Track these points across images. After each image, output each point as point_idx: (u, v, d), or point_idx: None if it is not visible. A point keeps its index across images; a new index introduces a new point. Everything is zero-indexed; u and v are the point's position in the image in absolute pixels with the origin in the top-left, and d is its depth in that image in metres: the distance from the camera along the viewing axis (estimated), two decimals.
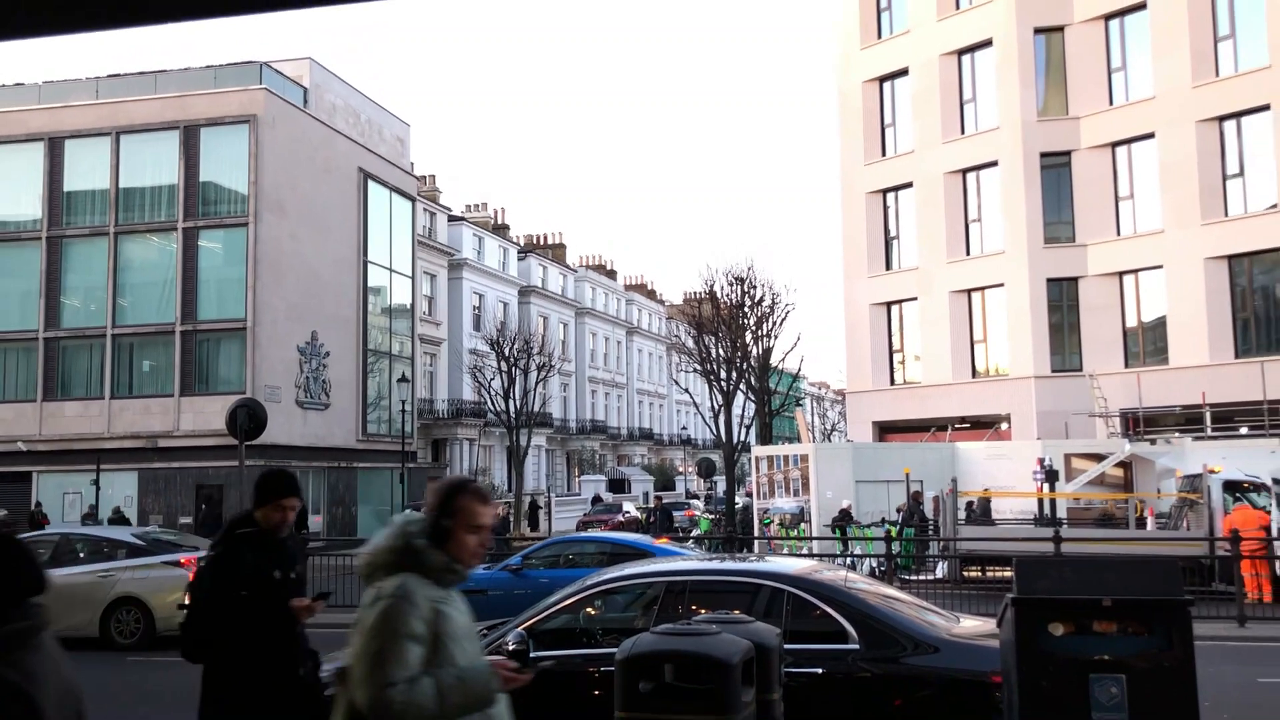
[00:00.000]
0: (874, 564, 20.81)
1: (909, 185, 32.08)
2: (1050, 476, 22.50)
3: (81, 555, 15.39)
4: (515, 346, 44.86)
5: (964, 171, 30.97)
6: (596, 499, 49.12)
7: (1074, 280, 29.13)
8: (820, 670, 6.12)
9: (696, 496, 56.34)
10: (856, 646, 6.17)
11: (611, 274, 75.86)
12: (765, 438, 38.46)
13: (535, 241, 67.36)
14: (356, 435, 38.49)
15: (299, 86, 36.71)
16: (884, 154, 32.97)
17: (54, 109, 34.78)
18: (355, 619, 3.22)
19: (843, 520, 22.66)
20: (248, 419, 20.85)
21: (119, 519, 29.28)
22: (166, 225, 34.12)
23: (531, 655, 6.28)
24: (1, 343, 34.74)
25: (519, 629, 6.52)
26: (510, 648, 6.25)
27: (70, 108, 34.69)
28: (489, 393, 45.50)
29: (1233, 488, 19.06)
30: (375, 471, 39.30)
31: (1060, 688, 4.88)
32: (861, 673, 6.13)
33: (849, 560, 20.79)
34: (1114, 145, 28.95)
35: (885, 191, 32.87)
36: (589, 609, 7.10)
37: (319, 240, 36.30)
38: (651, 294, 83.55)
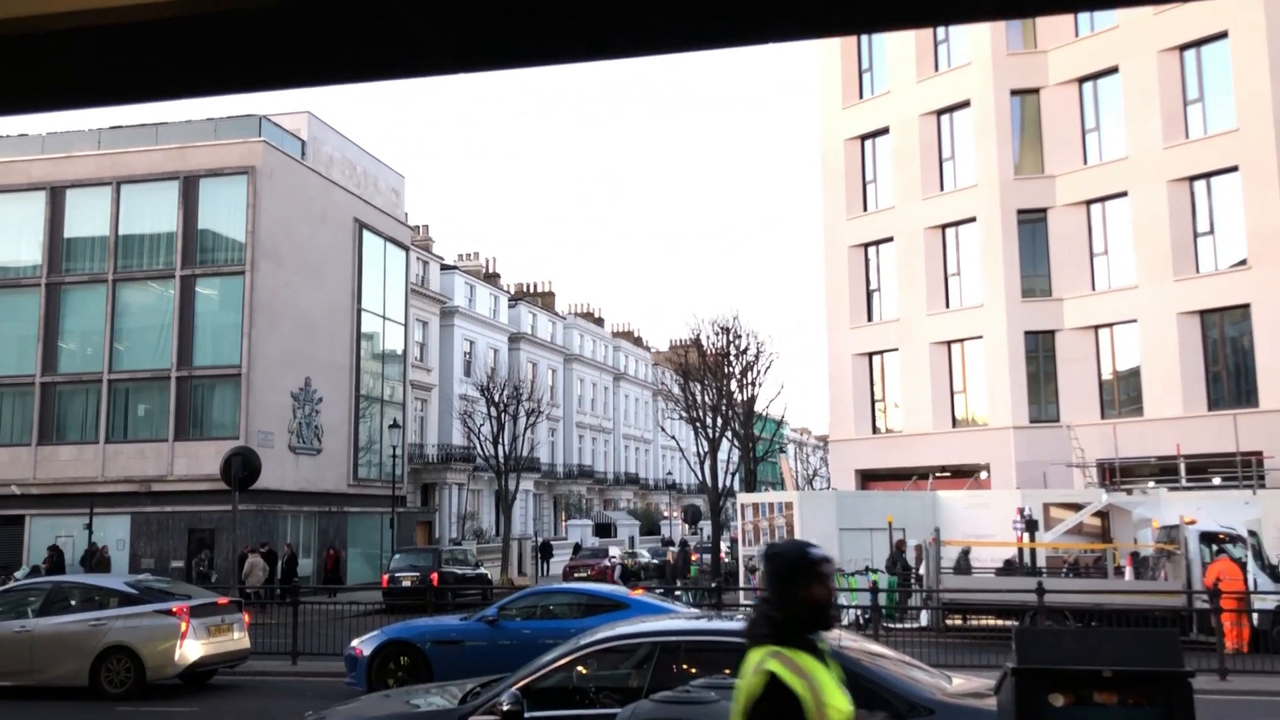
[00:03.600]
0: (857, 613, 21.27)
1: (890, 239, 32.93)
2: (1030, 526, 23.06)
3: (73, 604, 15.25)
4: (505, 392, 45.34)
5: (944, 227, 31.84)
6: (577, 546, 49.45)
7: (1051, 333, 29.93)
8: None
9: (671, 543, 56.67)
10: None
11: (599, 321, 76.59)
12: (750, 484, 39.02)
13: (525, 290, 68.09)
14: (347, 480, 38.85)
15: (297, 139, 37.49)
16: (865, 209, 33.84)
17: (56, 159, 35.43)
18: None
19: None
20: (242, 467, 21.29)
21: (94, 556, 29.45)
22: (165, 273, 34.67)
23: (526, 716, 6.64)
24: None
25: (514, 689, 6.76)
26: (505, 708, 6.66)
27: (72, 158, 35.35)
28: (479, 438, 45.87)
29: (1209, 539, 19.54)
30: (365, 516, 39.60)
31: None
32: None
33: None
34: (1088, 203, 29.88)
35: (867, 245, 33.70)
36: (583, 668, 7.21)
37: (314, 288, 36.90)
38: (638, 341, 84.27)
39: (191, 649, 14.53)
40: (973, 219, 31.07)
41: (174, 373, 33.87)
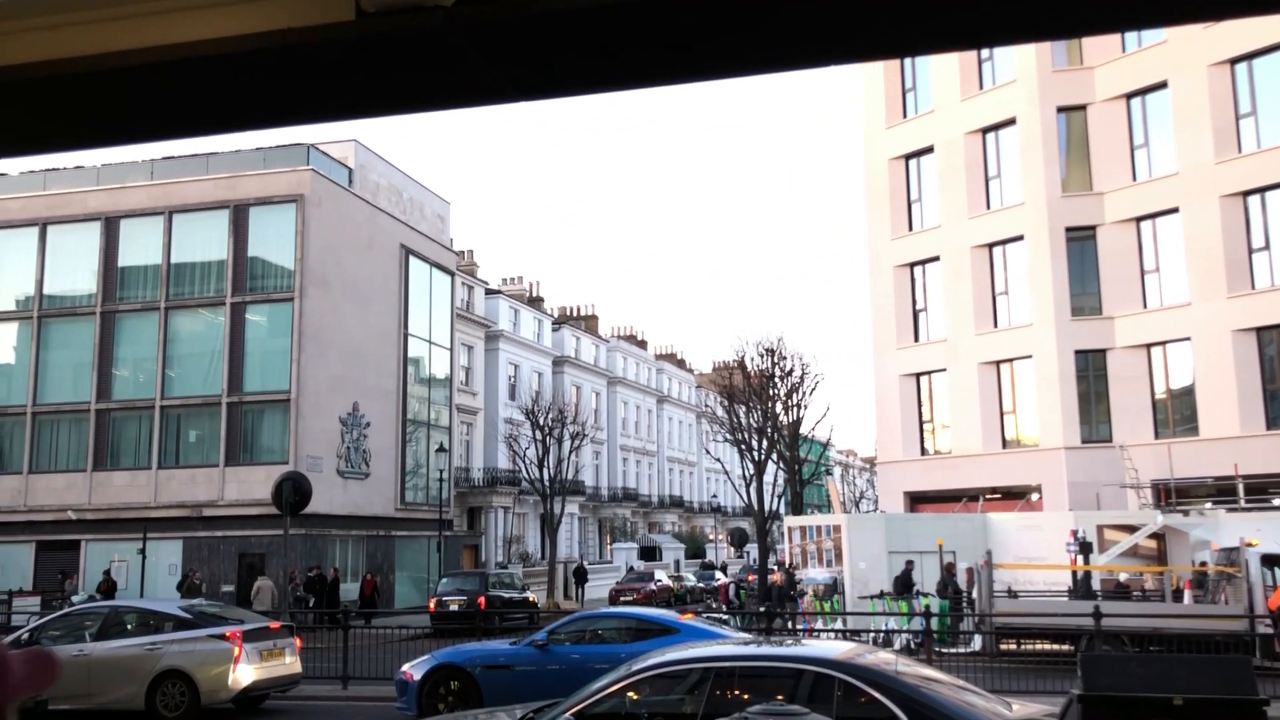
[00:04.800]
0: (909, 638, 20.98)
1: (936, 259, 32.69)
2: (1084, 548, 22.67)
3: (129, 628, 15.42)
4: (549, 416, 45.53)
5: (990, 246, 31.56)
6: (632, 569, 49.37)
7: (1102, 352, 29.50)
8: None
9: (712, 567, 56.39)
10: None
11: (642, 344, 76.67)
12: (797, 507, 38.76)
13: (569, 313, 68.36)
14: (395, 504, 39.11)
15: (344, 167, 38.03)
16: (911, 229, 33.64)
17: (111, 190, 36.21)
18: None
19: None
20: (293, 491, 21.53)
21: (186, 582, 29.67)
22: (215, 300, 35.23)
23: None
24: (56, 414, 35.78)
25: (568, 715, 6.75)
26: None
27: (126, 189, 36.10)
28: (524, 461, 46.06)
29: (1272, 561, 19.13)
30: (413, 539, 39.83)
31: None
32: None
33: (882, 635, 20.94)
34: (1138, 220, 29.49)
35: (913, 265, 33.48)
36: (636, 694, 7.14)
37: (361, 314, 37.31)
38: (681, 363, 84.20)
39: (244, 673, 14.64)
40: (1020, 237, 30.77)
41: (225, 399, 34.34)
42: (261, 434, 34.75)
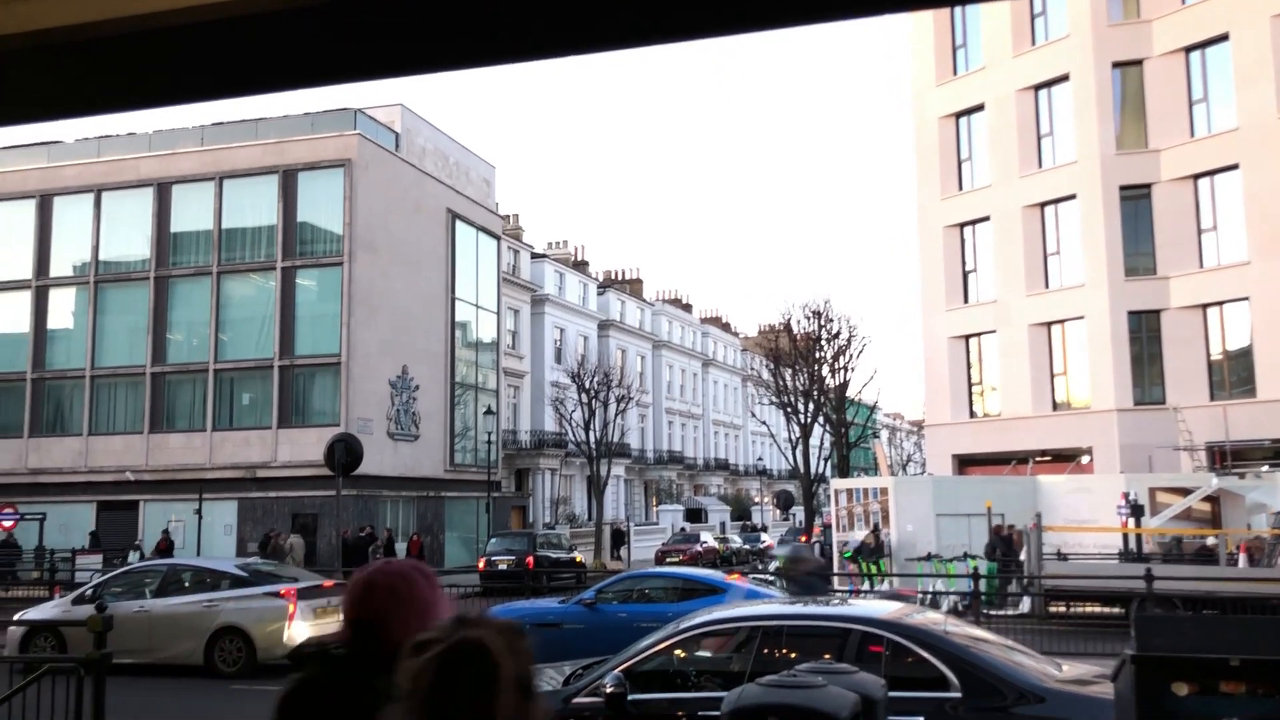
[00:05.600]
0: (956, 600, 20.93)
1: (986, 219, 32.22)
2: (1136, 511, 22.43)
3: (187, 585, 15.81)
4: (595, 379, 45.74)
5: (1042, 205, 31.04)
6: (683, 530, 49.60)
7: (1156, 312, 28.98)
8: (921, 719, 6.09)
9: (757, 530, 56.52)
10: (958, 695, 6.15)
11: (687, 308, 76.55)
12: (843, 469, 38.68)
13: (614, 277, 68.36)
14: (444, 465, 39.58)
15: (391, 131, 38.18)
16: (960, 189, 33.17)
17: (163, 156, 36.69)
18: None
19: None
20: (345, 453, 21.84)
21: (270, 543, 30.04)
22: (266, 265, 35.68)
23: (629, 698, 6.64)
24: (113, 377, 36.57)
25: (616, 671, 6.77)
26: (608, 689, 6.70)
27: (177, 155, 36.56)
28: (570, 424, 46.37)
29: None
30: (462, 501, 40.33)
31: None
32: None
33: (929, 597, 20.91)
34: (1195, 177, 28.82)
35: (962, 226, 33.04)
36: (684, 652, 7.19)
37: (409, 278, 37.61)
38: (726, 327, 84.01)
39: (299, 630, 14.93)
40: (1072, 196, 30.22)
41: (276, 362, 34.86)
42: (313, 397, 35.28)
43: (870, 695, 4.99)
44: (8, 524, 31.20)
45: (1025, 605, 20.79)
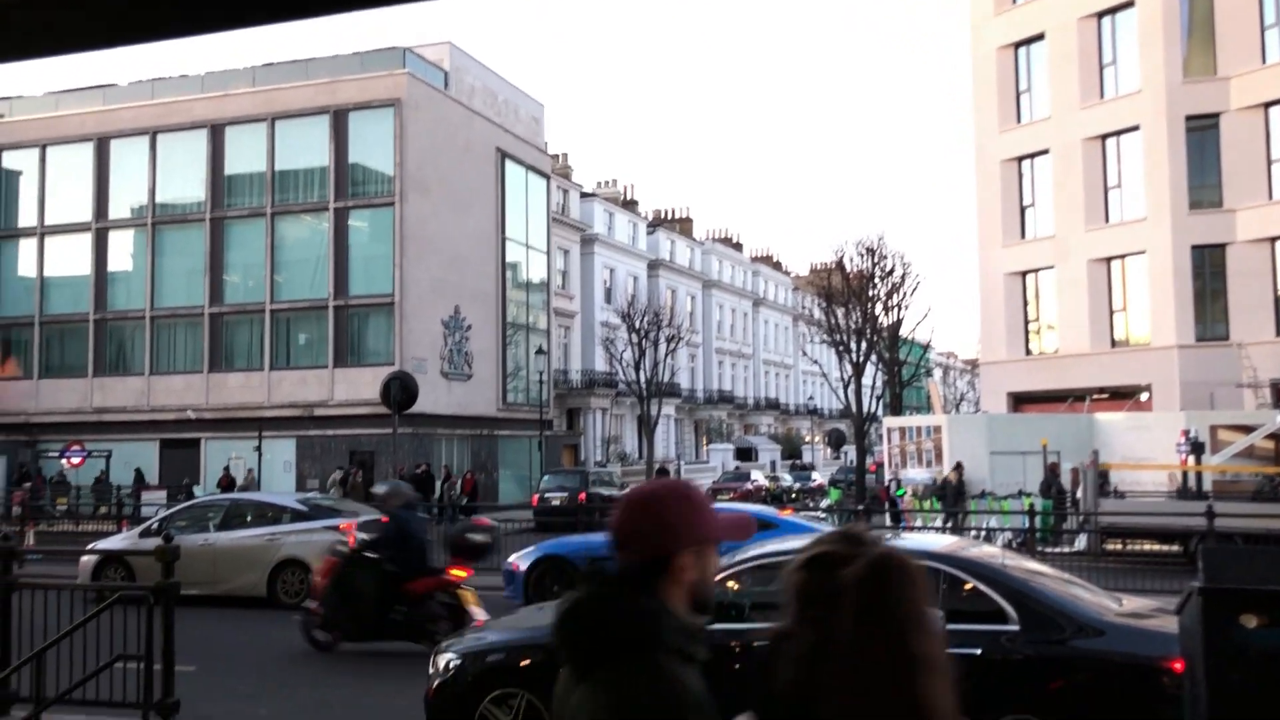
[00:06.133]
0: (1010, 537, 20.82)
1: (1045, 152, 31.47)
2: (1196, 449, 22.06)
3: (249, 519, 16.11)
4: (645, 319, 45.73)
5: (1103, 137, 30.23)
6: (736, 469, 49.69)
7: (1220, 246, 28.24)
8: (978, 651, 6.05)
9: (807, 468, 56.51)
10: (1016, 627, 6.12)
11: (738, 246, 76.01)
12: (895, 409, 38.42)
13: (663, 216, 67.97)
14: (497, 405, 39.97)
15: (439, 70, 38.04)
16: (1019, 121, 32.38)
17: (215, 98, 36.92)
18: None
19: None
20: (400, 390, 22.09)
21: (348, 482, 30.58)
22: (319, 206, 35.96)
23: None
24: (172, 318, 37.25)
25: None
26: None
27: (230, 96, 36.77)
28: (620, 364, 46.53)
29: None
30: (514, 439, 40.76)
31: (1254, 681, 4.67)
32: (1021, 655, 6.06)
33: (984, 534, 20.83)
34: (1266, 105, 27.85)
35: (1020, 159, 32.31)
36: (737, 584, 7.22)
37: (460, 218, 37.70)
38: (777, 266, 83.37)
39: None
40: (1135, 127, 29.37)
41: (331, 302, 35.26)
42: (367, 336, 35.70)
43: None
44: (76, 461, 32.12)
45: (1080, 543, 20.61)
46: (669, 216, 68.30)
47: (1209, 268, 28.52)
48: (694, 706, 1.80)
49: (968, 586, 6.41)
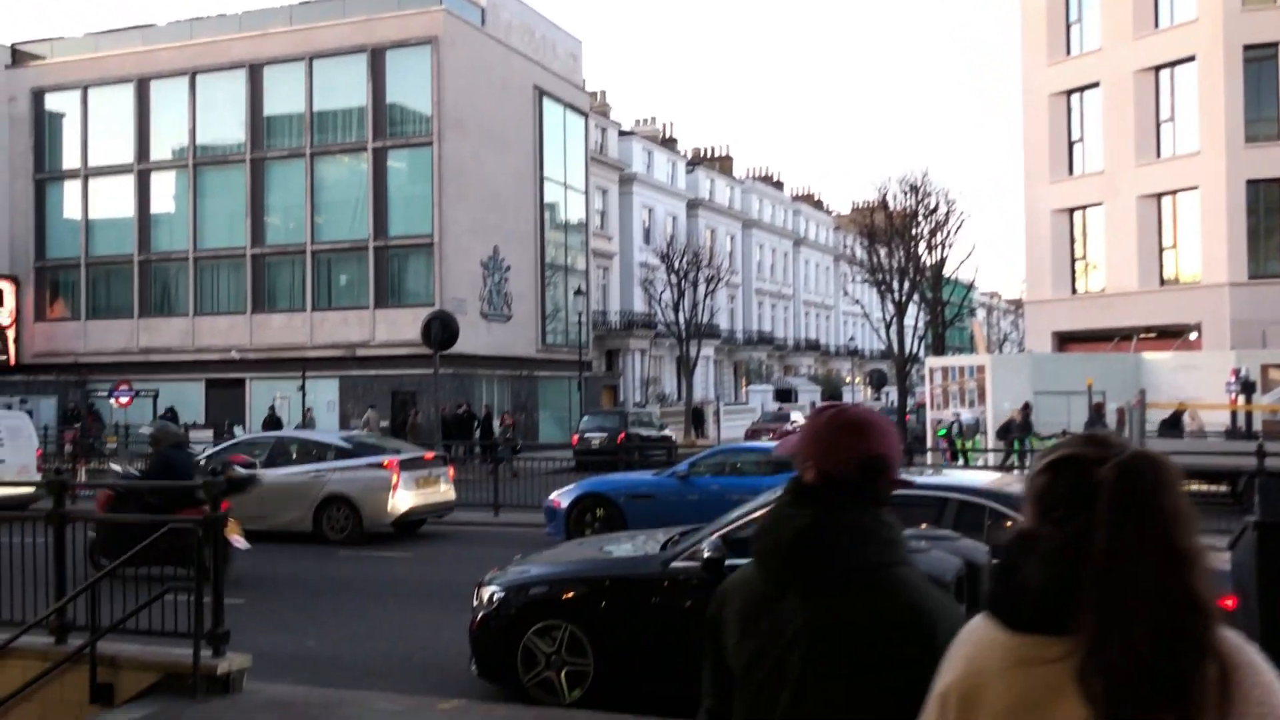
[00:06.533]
0: None
1: (1095, 85, 30.67)
2: (1246, 388, 21.68)
3: (294, 456, 16.30)
4: (684, 259, 45.46)
5: (1156, 69, 29.37)
6: (776, 411, 49.46)
7: (1276, 181, 27.48)
8: None
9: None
10: None
11: (778, 185, 75.16)
12: (938, 349, 38.01)
13: (703, 154, 67.28)
14: (536, 345, 40.09)
15: (476, 6, 37.62)
16: (1069, 53, 31.54)
17: (253, 37, 36.81)
18: None
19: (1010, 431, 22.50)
20: (441, 329, 22.16)
21: (411, 422, 30.93)
22: (357, 146, 35.92)
23: (727, 562, 6.59)
24: (215, 259, 37.58)
25: (714, 536, 6.83)
26: (706, 554, 6.77)
27: (268, 35, 36.64)
28: (659, 305, 46.39)
29: None
30: (554, 380, 40.92)
31: None
32: None
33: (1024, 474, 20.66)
34: None
35: (1069, 93, 31.53)
36: None
37: (498, 157, 37.52)
38: (819, 205, 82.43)
39: (402, 499, 15.44)
40: (1190, 58, 28.50)
41: (371, 243, 35.37)
42: (407, 277, 35.82)
43: (975, 560, 4.89)
44: (124, 400, 32.69)
45: None
46: (709, 155, 67.61)
47: (1264, 203, 27.81)
48: (949, 613, 1.89)
49: (1012, 522, 6.34)
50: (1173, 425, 22.00)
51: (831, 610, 1.91)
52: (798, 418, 44.23)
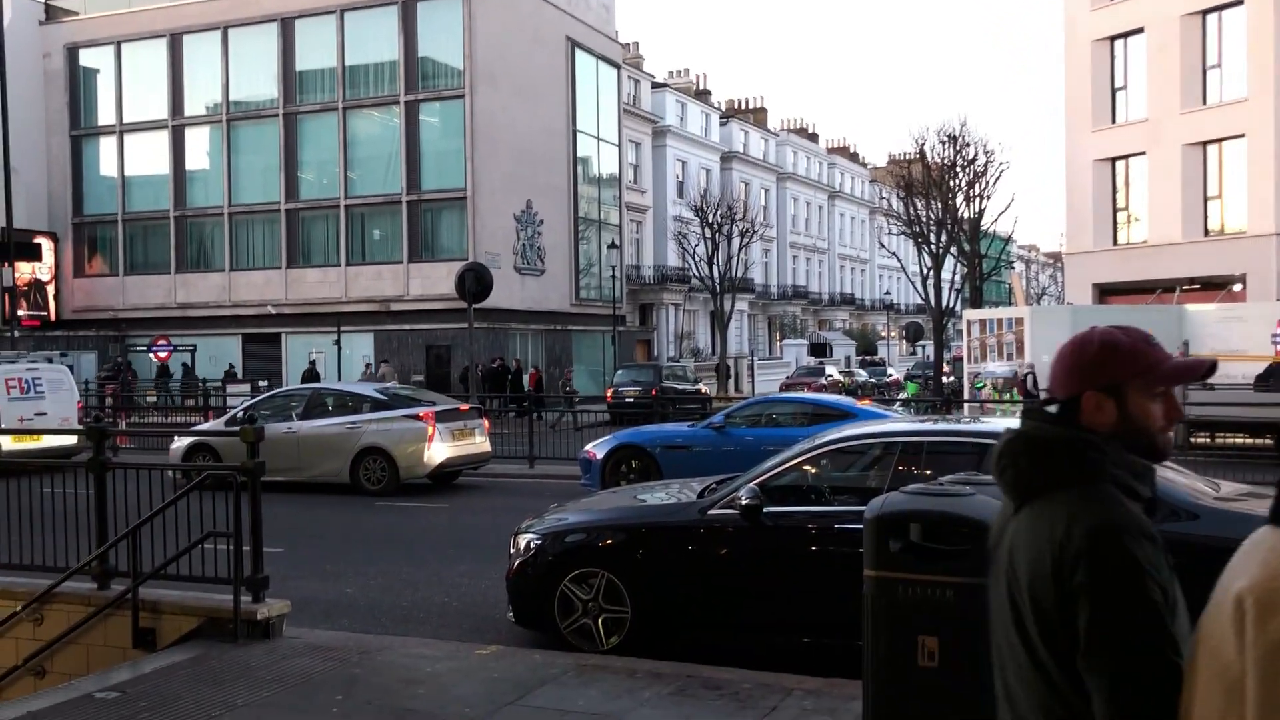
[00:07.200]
0: None
1: (1139, 31, 29.92)
2: None
3: (330, 409, 16.39)
4: (718, 213, 45.11)
5: (1204, 12, 28.59)
6: (818, 365, 49.06)
7: None
8: None
9: (881, 364, 55.90)
10: None
11: (813, 137, 74.27)
12: (975, 303, 37.57)
13: (737, 107, 66.53)
14: (570, 300, 40.02)
15: None
16: None
17: None
18: None
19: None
20: (475, 282, 22.13)
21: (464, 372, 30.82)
22: (389, 99, 35.77)
23: (765, 510, 6.59)
24: (250, 214, 37.71)
25: (752, 484, 6.76)
26: (744, 502, 6.71)
27: None
28: (693, 259, 46.13)
29: None
30: (588, 334, 40.90)
31: None
32: None
33: None
34: None
35: (1113, 38, 30.78)
36: (819, 468, 7.14)
37: (530, 110, 37.24)
38: (854, 157, 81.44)
39: (438, 450, 15.50)
40: (1239, 1, 27.71)
41: (404, 197, 35.33)
42: (441, 232, 35.79)
43: None
44: (163, 355, 33.04)
45: None
46: (742, 107, 66.86)
47: None
48: (1137, 532, 1.88)
49: None
50: (1266, 379, 21.34)
51: (1030, 519, 1.97)
52: (832, 372, 44.00)
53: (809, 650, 6.51)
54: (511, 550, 7.39)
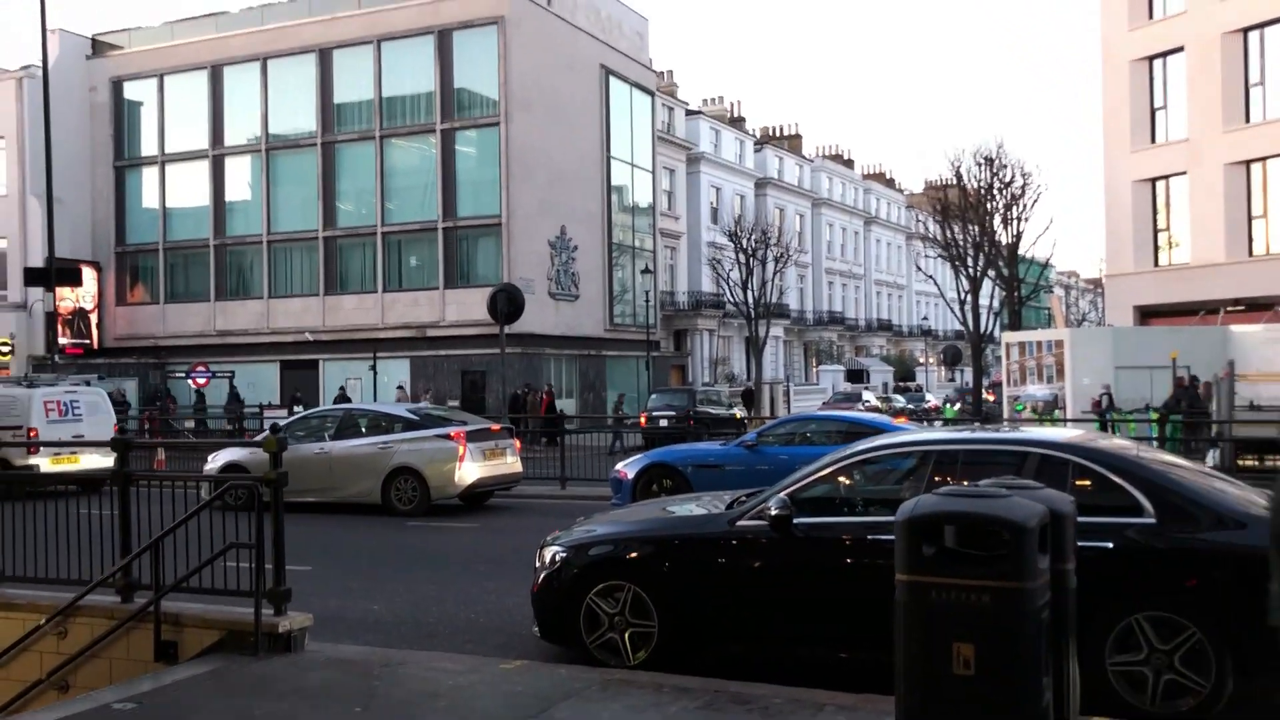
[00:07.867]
0: None
1: (1179, 50, 29.57)
2: None
3: (363, 429, 16.33)
4: (753, 238, 45.02)
5: (1245, 30, 28.21)
6: (855, 390, 48.62)
7: None
8: (1110, 545, 5.77)
9: (920, 390, 55.32)
10: (1152, 520, 5.81)
11: (849, 163, 74.12)
12: (1014, 325, 37.16)
13: (771, 133, 66.55)
14: (604, 325, 40.01)
15: None
16: (1151, 17, 30.46)
17: (323, 21, 37.13)
18: None
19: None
20: (507, 302, 22.20)
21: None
22: (426, 128, 36.10)
23: (795, 520, 6.40)
24: (288, 242, 38.10)
25: (782, 494, 6.58)
26: (774, 512, 6.52)
27: (337, 19, 36.94)
28: (727, 284, 46.03)
29: None
30: (622, 360, 40.83)
31: None
32: (1156, 548, 5.75)
33: None
34: None
35: (1152, 58, 30.45)
36: (852, 478, 6.94)
37: (564, 138, 37.43)
38: (890, 183, 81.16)
39: (469, 471, 15.41)
40: None
41: (440, 224, 35.57)
42: (476, 258, 35.98)
43: (1059, 509, 4.56)
44: (201, 381, 33.33)
45: (1212, 458, 19.63)
46: (777, 134, 66.88)
47: None
48: None
49: (1095, 478, 6.04)
50: None
51: None
52: (870, 398, 43.62)
53: (842, 665, 6.31)
54: (537, 563, 7.26)
